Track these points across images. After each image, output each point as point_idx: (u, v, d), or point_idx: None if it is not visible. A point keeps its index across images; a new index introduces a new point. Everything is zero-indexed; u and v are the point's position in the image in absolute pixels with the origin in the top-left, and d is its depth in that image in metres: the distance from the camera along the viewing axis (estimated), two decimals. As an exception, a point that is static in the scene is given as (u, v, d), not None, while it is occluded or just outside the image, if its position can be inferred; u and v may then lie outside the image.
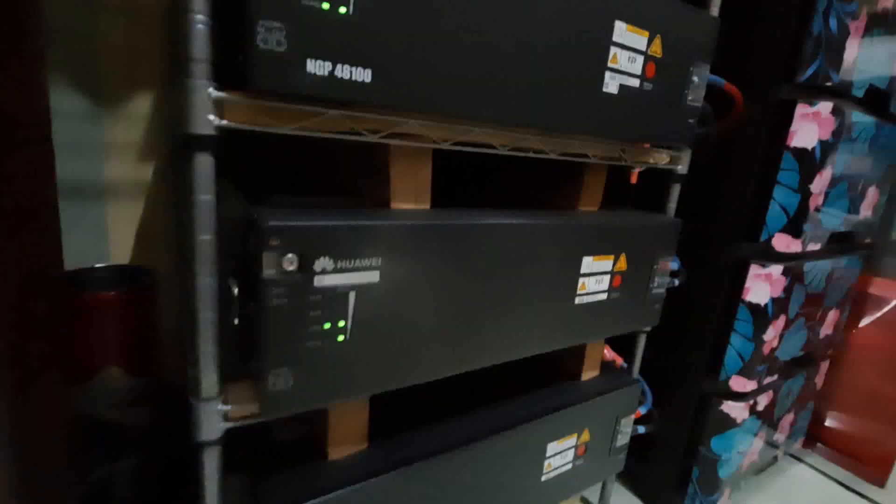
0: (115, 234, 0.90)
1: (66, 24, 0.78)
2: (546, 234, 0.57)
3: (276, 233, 0.38)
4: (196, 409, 0.44)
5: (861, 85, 0.81)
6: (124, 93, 0.85)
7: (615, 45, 0.56)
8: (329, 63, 0.38)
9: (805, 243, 0.84)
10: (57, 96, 0.79)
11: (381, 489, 0.53)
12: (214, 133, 0.38)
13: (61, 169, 0.84)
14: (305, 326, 0.42)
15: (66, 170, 0.82)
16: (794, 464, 1.24)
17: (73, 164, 0.83)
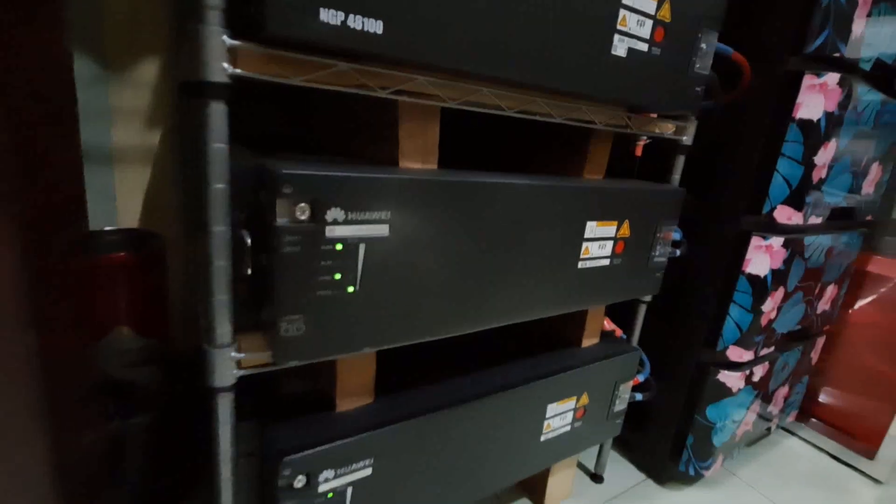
0: (123, 199, 0.90)
1: None
2: (550, 197, 0.58)
3: (290, 180, 0.39)
4: (210, 356, 0.45)
5: (868, 59, 0.81)
6: (130, 58, 0.84)
7: (624, 7, 0.56)
8: (342, 13, 0.38)
9: (807, 216, 0.85)
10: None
11: (386, 440, 0.55)
12: (228, 81, 0.39)
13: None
14: (317, 276, 0.43)
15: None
16: (786, 437, 1.27)
17: (80, 129, 0.83)
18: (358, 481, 0.54)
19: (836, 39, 0.74)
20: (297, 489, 0.50)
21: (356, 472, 0.54)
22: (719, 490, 1.04)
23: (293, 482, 0.49)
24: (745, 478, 1.09)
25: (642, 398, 0.93)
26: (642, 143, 0.97)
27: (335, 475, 0.52)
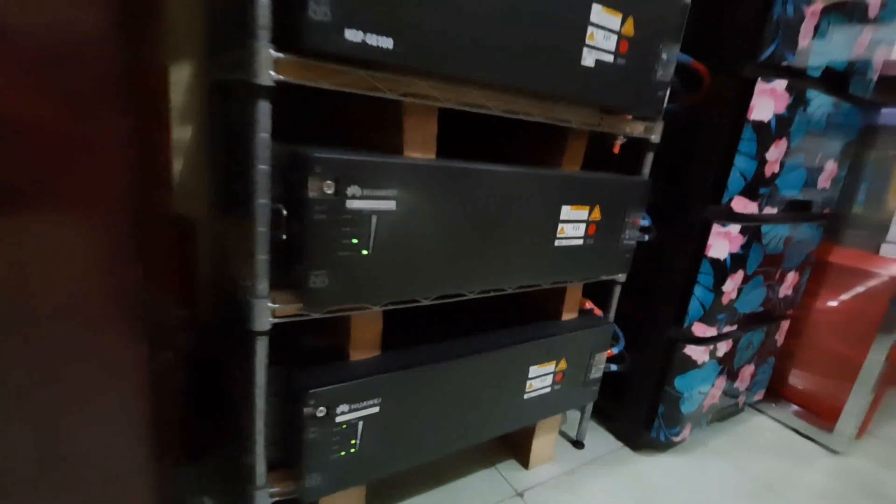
0: (156, 187, 1.01)
1: None
2: (530, 182, 0.69)
3: (319, 162, 0.50)
4: (251, 305, 0.56)
5: (817, 66, 0.92)
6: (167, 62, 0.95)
7: (592, 25, 0.67)
8: (362, 32, 0.49)
9: (762, 206, 0.96)
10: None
11: (391, 383, 0.66)
12: (273, 84, 0.50)
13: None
14: (338, 239, 0.54)
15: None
16: (755, 414, 1.38)
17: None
18: (367, 417, 0.65)
19: (785, 50, 0.85)
20: (320, 418, 0.61)
21: (366, 408, 0.65)
22: (690, 457, 1.15)
23: (316, 412, 0.61)
24: (715, 448, 1.20)
25: (617, 369, 1.04)
26: (619, 141, 1.08)
27: (349, 409, 0.63)
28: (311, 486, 0.64)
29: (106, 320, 0.42)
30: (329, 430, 0.62)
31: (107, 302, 0.42)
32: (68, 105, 0.36)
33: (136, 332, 0.44)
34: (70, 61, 0.35)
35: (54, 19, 0.34)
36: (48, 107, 0.36)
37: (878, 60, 1.09)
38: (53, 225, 0.39)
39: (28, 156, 0.36)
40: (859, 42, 1.00)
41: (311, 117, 0.83)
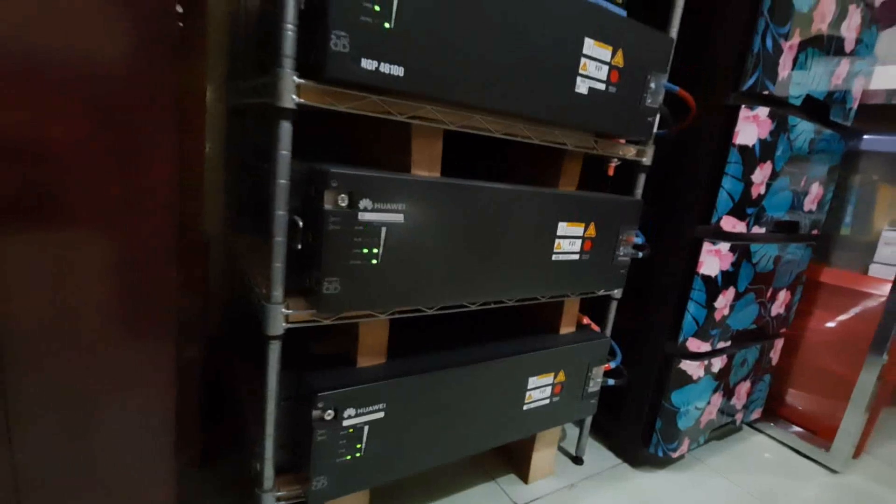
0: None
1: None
2: (529, 199, 0.74)
3: (335, 177, 0.55)
4: (266, 310, 0.60)
5: (798, 95, 0.98)
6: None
7: (585, 56, 0.73)
8: (376, 61, 0.55)
9: (750, 225, 1.01)
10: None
11: (396, 389, 0.69)
12: (295, 107, 0.55)
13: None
14: (350, 248, 0.58)
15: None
16: (753, 433, 1.40)
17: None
18: (373, 422, 0.68)
19: (766, 79, 0.91)
20: (327, 421, 0.64)
21: (372, 413, 0.68)
22: (688, 474, 1.16)
23: (324, 415, 0.63)
24: (713, 465, 1.21)
25: (614, 383, 1.06)
26: (614, 164, 1.14)
27: (356, 413, 0.66)
28: (317, 488, 0.66)
29: (142, 320, 0.46)
30: (336, 433, 0.65)
31: (143, 303, 0.46)
32: (120, 124, 0.41)
33: (168, 331, 0.47)
34: (124, 86, 0.40)
35: (114, 49, 0.39)
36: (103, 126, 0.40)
37: (856, 90, 1.15)
38: (102, 232, 0.43)
39: (83, 171, 0.40)
40: (837, 73, 1.06)
41: (326, 137, 0.88)
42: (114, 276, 0.44)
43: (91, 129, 0.40)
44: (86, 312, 0.44)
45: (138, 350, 0.47)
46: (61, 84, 0.39)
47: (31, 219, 0.40)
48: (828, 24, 0.98)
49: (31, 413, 0.46)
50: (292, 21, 0.53)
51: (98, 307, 0.44)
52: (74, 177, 0.40)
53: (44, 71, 0.38)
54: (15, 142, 0.39)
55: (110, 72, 0.41)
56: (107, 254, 0.43)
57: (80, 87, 0.39)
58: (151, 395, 0.47)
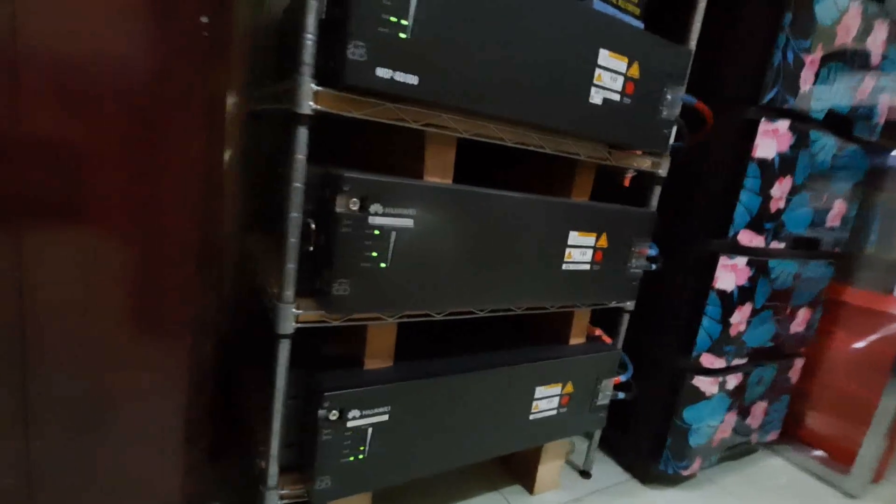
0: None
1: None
2: (539, 208, 0.74)
3: (348, 181, 0.56)
4: (278, 309, 0.61)
5: (820, 109, 0.97)
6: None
7: (600, 67, 0.73)
8: (391, 70, 0.56)
9: (768, 240, 0.99)
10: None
11: (401, 392, 0.70)
12: (312, 113, 0.56)
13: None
14: (361, 251, 0.59)
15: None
16: (769, 455, 1.35)
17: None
18: (377, 424, 0.69)
19: (786, 93, 0.90)
20: (332, 421, 0.65)
21: (376, 415, 0.68)
22: (699, 493, 1.13)
23: (329, 415, 0.64)
24: (726, 486, 1.18)
25: (624, 397, 1.05)
26: (630, 175, 1.13)
27: (361, 415, 0.67)
28: (320, 488, 0.67)
29: (163, 313, 0.48)
30: (341, 434, 0.66)
31: (164, 297, 0.47)
32: (150, 129, 0.43)
33: (185, 327, 0.49)
34: (154, 94, 0.42)
35: (146, 58, 0.41)
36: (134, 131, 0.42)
37: (882, 105, 1.12)
38: (135, 228, 0.45)
39: (113, 173, 0.43)
40: (861, 88, 1.04)
41: (343, 143, 0.90)
42: (139, 273, 0.46)
43: (123, 133, 0.42)
44: (110, 306, 0.46)
45: (154, 345, 0.48)
46: (97, 90, 0.41)
47: (64, 218, 0.42)
48: (852, 38, 0.96)
49: (53, 404, 0.48)
50: (312, 31, 0.54)
51: (123, 301, 0.46)
52: (106, 178, 0.42)
53: (81, 78, 0.40)
54: (52, 144, 0.41)
55: (142, 79, 0.43)
56: (132, 251, 0.45)
57: (113, 93, 0.41)
58: (166, 386, 0.49)
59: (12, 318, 0.42)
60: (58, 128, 0.40)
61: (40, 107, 0.39)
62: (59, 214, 0.41)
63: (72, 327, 0.45)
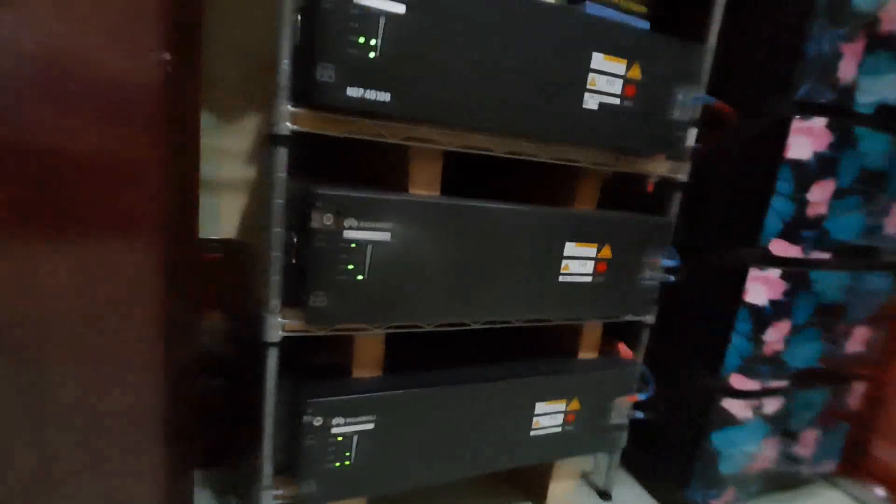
0: (225, 217, 1.19)
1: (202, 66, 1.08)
2: (528, 219, 0.72)
3: (321, 197, 0.58)
4: (264, 319, 0.65)
5: (869, 103, 0.86)
6: (238, 113, 1.13)
7: (594, 72, 0.70)
8: (362, 88, 0.58)
9: (806, 250, 0.89)
10: (195, 112, 1.10)
11: (386, 402, 0.70)
12: (289, 134, 0.59)
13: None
14: (336, 264, 0.61)
15: (196, 165, 1.12)
16: (827, 488, 1.21)
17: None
18: (362, 432, 0.70)
19: (821, 87, 0.81)
20: (316, 427, 0.67)
21: (361, 423, 0.70)
22: (735, 526, 1.03)
23: (313, 421, 0.66)
24: (769, 520, 1.06)
25: (644, 416, 0.98)
26: (653, 181, 1.06)
27: (345, 422, 0.68)
28: (306, 492, 0.69)
29: (130, 322, 0.52)
30: (325, 440, 0.68)
31: (134, 305, 0.52)
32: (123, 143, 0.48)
33: (155, 333, 0.53)
34: (125, 108, 0.46)
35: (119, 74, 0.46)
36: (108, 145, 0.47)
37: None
38: (105, 241, 0.50)
39: (88, 187, 0.48)
40: (925, 76, 0.91)
41: (345, 160, 0.94)
42: (105, 281, 0.51)
43: (96, 148, 0.47)
44: (97, 313, 0.51)
45: (127, 349, 0.53)
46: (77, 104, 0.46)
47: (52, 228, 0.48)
48: (907, 21, 0.84)
49: (59, 401, 0.54)
50: (287, 56, 0.57)
51: (96, 304, 0.51)
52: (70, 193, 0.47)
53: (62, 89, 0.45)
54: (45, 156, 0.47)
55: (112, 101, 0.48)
56: (102, 260, 0.50)
57: (90, 110, 0.46)
58: (140, 392, 0.53)
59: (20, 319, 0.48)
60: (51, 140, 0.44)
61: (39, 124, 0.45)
62: (46, 225, 0.46)
63: (69, 330, 0.50)
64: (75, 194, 0.48)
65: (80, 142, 0.47)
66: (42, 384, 0.52)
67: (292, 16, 0.56)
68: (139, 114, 0.46)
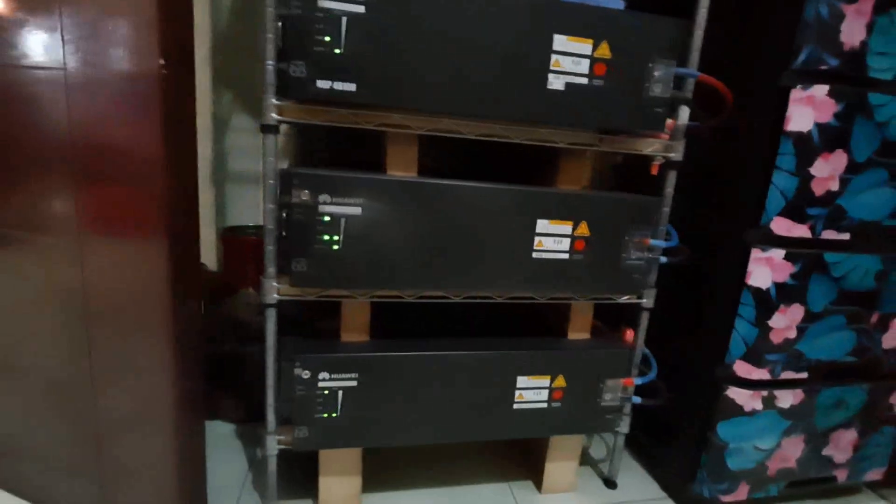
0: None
1: (236, 73, 1.25)
2: (495, 196, 0.76)
3: (297, 176, 0.68)
4: (264, 283, 0.76)
5: (884, 67, 0.78)
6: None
7: (556, 53, 0.73)
8: (329, 81, 0.67)
9: (817, 229, 0.83)
10: (234, 117, 1.28)
11: (367, 362, 0.79)
12: (276, 123, 0.70)
13: (233, 163, 1.32)
14: (314, 235, 0.71)
15: (236, 164, 1.30)
16: (872, 498, 1.08)
17: (240, 160, 1.30)
18: (346, 388, 0.79)
19: (823, 53, 0.76)
20: (305, 379, 0.77)
21: (345, 380, 0.79)
22: (752, 528, 0.98)
23: (302, 374, 0.77)
24: (797, 527, 0.99)
25: (641, 401, 0.96)
26: (658, 163, 1.04)
27: (330, 377, 0.78)
28: (299, 437, 0.79)
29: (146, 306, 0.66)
30: (313, 391, 0.78)
31: (148, 282, 0.65)
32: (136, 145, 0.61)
33: (167, 317, 0.66)
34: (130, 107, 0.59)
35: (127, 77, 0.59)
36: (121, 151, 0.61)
37: None
38: (124, 238, 0.64)
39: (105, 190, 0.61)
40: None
41: (349, 151, 1.04)
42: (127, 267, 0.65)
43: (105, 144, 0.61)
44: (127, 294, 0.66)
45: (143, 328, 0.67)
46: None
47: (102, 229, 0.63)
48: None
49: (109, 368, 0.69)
50: (272, 58, 0.68)
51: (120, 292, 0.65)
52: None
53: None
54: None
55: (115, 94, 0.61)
56: (120, 252, 0.64)
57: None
58: (156, 355, 0.67)
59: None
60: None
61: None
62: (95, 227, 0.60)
63: (112, 309, 0.65)
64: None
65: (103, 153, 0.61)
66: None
67: (274, 22, 0.67)
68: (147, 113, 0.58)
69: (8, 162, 0.67)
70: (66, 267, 0.68)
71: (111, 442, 0.74)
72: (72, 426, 0.75)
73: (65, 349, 0.72)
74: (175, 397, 0.69)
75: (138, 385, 0.70)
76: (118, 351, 0.69)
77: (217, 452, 1.03)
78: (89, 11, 0.60)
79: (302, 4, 0.63)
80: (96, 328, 0.70)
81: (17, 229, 0.69)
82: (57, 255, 0.68)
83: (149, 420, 0.71)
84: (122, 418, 0.72)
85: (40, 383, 0.76)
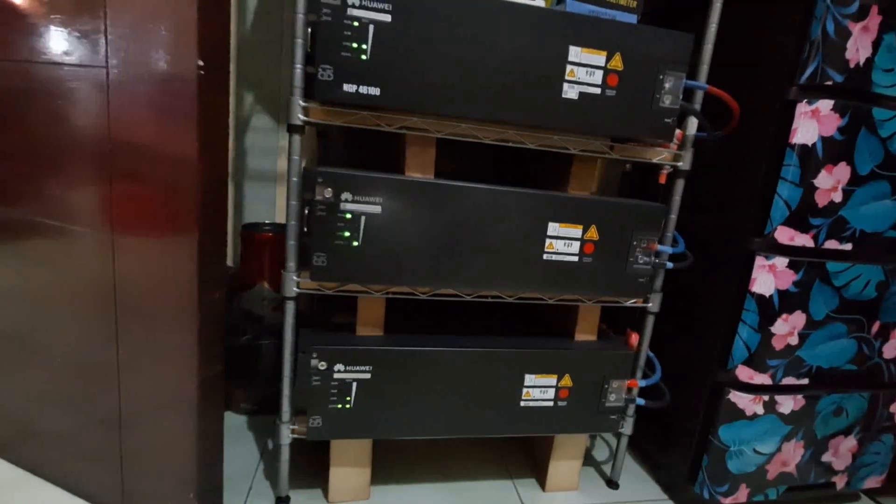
0: (280, 204, 1.39)
1: (260, 76, 1.29)
2: (509, 200, 0.79)
3: (321, 175, 0.71)
4: (284, 277, 0.79)
5: (889, 84, 0.81)
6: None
7: (571, 64, 0.76)
8: (355, 85, 0.70)
9: (819, 239, 0.85)
10: (255, 119, 1.31)
11: (381, 356, 0.81)
12: (302, 124, 0.74)
13: (252, 162, 1.36)
14: (334, 231, 0.74)
15: (255, 163, 1.34)
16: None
17: (259, 159, 1.34)
18: (360, 380, 0.82)
19: (829, 68, 0.79)
20: (321, 370, 0.80)
21: (359, 373, 0.81)
22: (751, 531, 0.99)
23: (318, 365, 0.79)
24: (794, 531, 1.00)
25: (644, 403, 0.99)
26: (666, 171, 1.07)
27: (345, 369, 0.81)
28: (313, 426, 0.82)
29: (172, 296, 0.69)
30: (328, 382, 0.80)
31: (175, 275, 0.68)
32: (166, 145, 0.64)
33: (191, 317, 0.69)
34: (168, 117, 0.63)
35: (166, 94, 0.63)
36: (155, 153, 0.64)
37: None
38: (160, 235, 0.68)
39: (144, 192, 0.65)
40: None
41: (373, 153, 1.08)
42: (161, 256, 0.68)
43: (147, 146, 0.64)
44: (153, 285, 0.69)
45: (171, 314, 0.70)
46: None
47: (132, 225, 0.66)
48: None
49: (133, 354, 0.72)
50: (301, 62, 0.72)
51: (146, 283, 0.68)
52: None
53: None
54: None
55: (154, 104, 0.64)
56: (161, 247, 0.67)
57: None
58: (182, 345, 0.70)
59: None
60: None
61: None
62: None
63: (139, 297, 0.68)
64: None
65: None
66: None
67: (304, 28, 0.70)
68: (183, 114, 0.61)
69: (49, 155, 0.70)
70: (99, 258, 0.71)
71: (134, 428, 0.77)
72: (96, 412, 0.79)
73: (94, 337, 0.75)
74: (198, 386, 0.72)
75: (163, 373, 0.73)
76: (145, 340, 0.72)
77: (228, 443, 1.06)
78: (132, 12, 0.63)
79: (332, 12, 0.67)
80: (125, 317, 0.73)
81: (54, 220, 0.73)
82: (90, 247, 0.72)
83: (172, 406, 0.74)
84: (145, 405, 0.75)
85: (68, 369, 0.79)
